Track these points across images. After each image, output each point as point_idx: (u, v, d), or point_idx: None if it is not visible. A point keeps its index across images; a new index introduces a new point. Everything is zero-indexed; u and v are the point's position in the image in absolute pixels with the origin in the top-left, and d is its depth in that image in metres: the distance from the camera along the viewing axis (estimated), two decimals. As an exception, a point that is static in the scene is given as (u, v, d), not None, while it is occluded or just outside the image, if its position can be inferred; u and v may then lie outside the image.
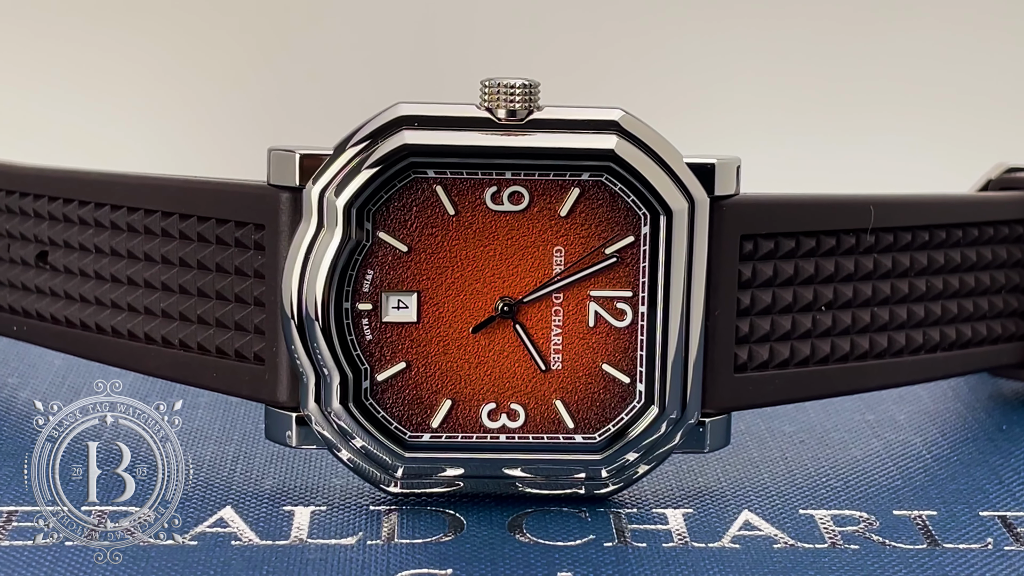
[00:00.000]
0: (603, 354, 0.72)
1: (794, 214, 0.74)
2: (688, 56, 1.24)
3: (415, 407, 0.72)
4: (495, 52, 1.23)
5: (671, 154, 0.70)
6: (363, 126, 0.70)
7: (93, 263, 0.78)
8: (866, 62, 1.24)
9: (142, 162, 1.20)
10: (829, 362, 0.76)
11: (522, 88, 0.69)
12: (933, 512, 0.74)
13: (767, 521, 0.73)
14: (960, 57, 1.24)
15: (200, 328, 0.75)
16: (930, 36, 1.24)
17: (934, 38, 1.24)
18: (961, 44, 1.24)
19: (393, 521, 0.72)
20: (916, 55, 1.24)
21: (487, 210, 0.71)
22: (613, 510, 0.73)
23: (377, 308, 0.71)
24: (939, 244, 0.79)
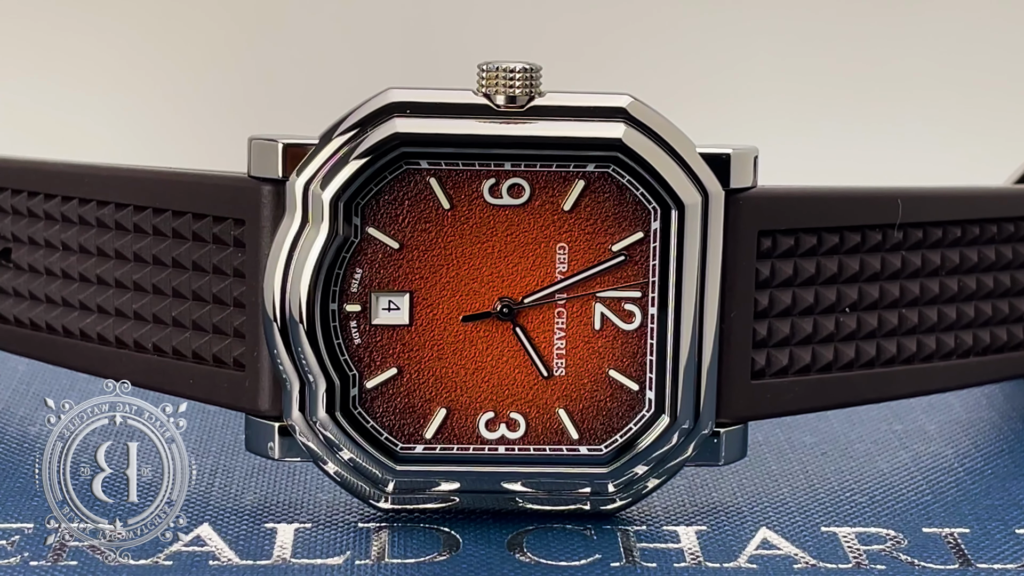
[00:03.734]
0: (610, 359, 0.72)
1: (816, 208, 0.74)
2: (701, 38, 1.24)
3: (407, 416, 0.72)
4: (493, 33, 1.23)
5: (683, 144, 0.70)
6: (351, 113, 0.70)
7: (60, 261, 0.78)
8: (893, 43, 1.25)
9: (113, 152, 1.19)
10: (853, 368, 0.76)
11: (522, 72, 0.69)
12: (966, 530, 0.74)
13: (787, 539, 0.73)
14: (995, 39, 1.24)
15: (176, 331, 0.75)
16: (963, 16, 1.24)
17: (967, 18, 1.24)
18: (996, 25, 1.24)
19: (383, 539, 0.72)
20: (948, 36, 1.24)
21: (485, 204, 0.71)
22: (620, 528, 0.73)
23: (366, 310, 0.71)
24: (972, 241, 0.80)
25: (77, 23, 1.23)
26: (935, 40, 1.24)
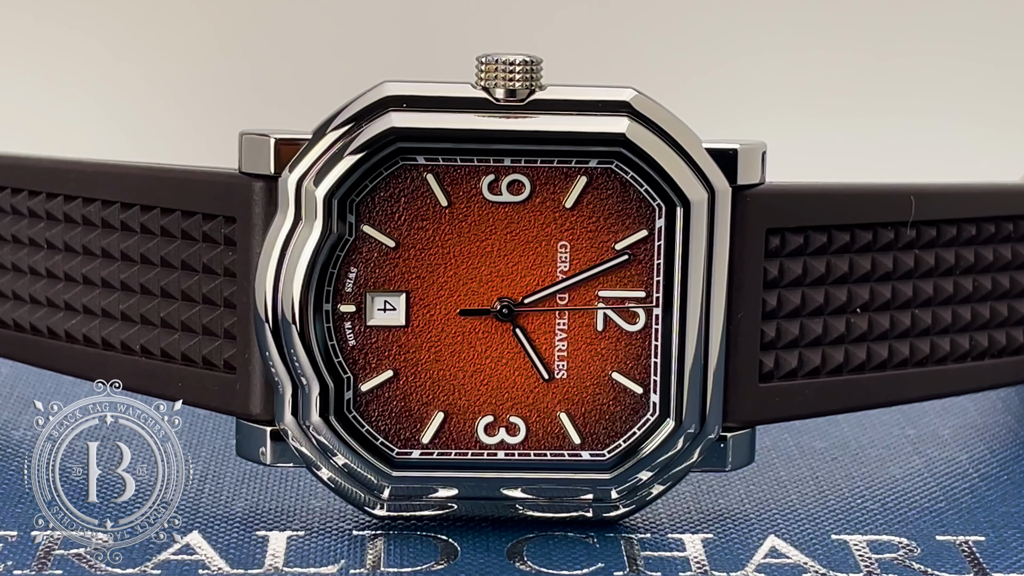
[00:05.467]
0: (613, 361, 0.72)
1: (826, 205, 0.74)
2: (707, 29, 1.24)
3: (403, 420, 0.72)
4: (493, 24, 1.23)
5: (689, 139, 0.71)
6: (346, 107, 0.70)
7: (45, 260, 0.78)
8: (906, 33, 1.25)
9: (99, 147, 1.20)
10: (865, 370, 0.77)
11: (523, 65, 0.70)
12: (981, 537, 0.74)
13: (796, 547, 0.73)
14: (1011, 31, 1.24)
15: (164, 333, 0.75)
16: (978, 6, 1.24)
17: (982, 9, 1.24)
18: (1012, 16, 1.24)
19: (379, 548, 0.72)
20: (962, 27, 1.24)
21: (484, 201, 0.71)
22: (624, 535, 0.73)
23: (361, 310, 0.71)
24: (988, 239, 0.80)
25: (60, 13, 1.23)
26: (950, 29, 1.24)
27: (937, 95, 1.24)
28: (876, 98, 1.25)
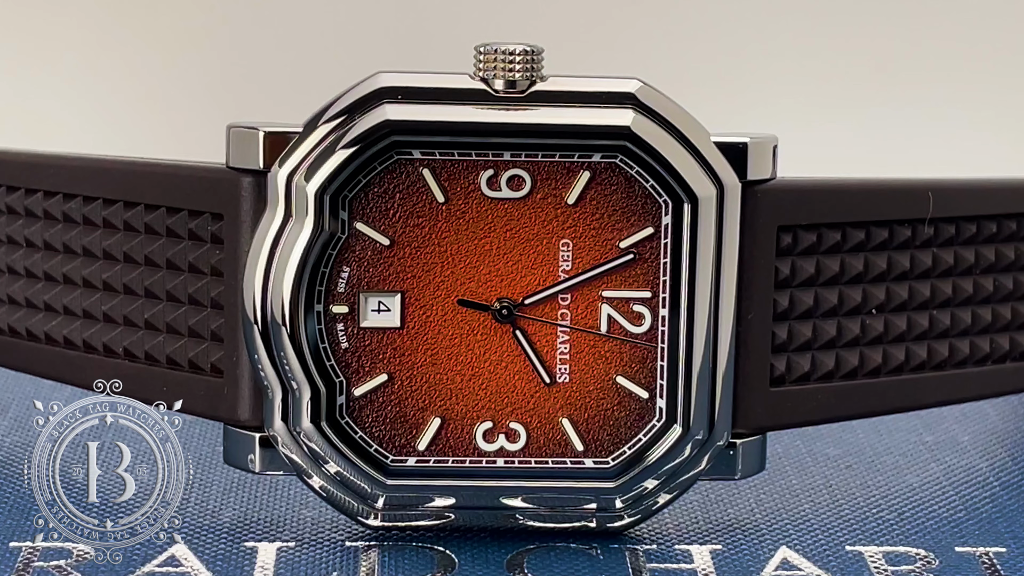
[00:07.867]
0: (617, 365, 0.72)
1: (840, 201, 0.74)
2: (715, 17, 1.24)
3: (398, 426, 0.72)
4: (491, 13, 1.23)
5: (697, 132, 0.71)
6: (338, 99, 0.70)
7: (23, 259, 0.78)
8: (924, 21, 1.25)
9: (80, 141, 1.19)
10: (880, 374, 0.77)
11: (523, 55, 0.70)
12: (1002, 549, 0.74)
13: (808, 559, 0.73)
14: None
15: (148, 335, 0.75)
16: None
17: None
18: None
19: (373, 559, 0.72)
20: (983, 15, 1.24)
21: (482, 197, 0.71)
22: (629, 546, 0.74)
23: (354, 311, 0.71)
24: (1009, 237, 0.80)
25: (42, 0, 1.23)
26: (969, 18, 1.24)
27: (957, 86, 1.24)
28: (893, 89, 1.25)
